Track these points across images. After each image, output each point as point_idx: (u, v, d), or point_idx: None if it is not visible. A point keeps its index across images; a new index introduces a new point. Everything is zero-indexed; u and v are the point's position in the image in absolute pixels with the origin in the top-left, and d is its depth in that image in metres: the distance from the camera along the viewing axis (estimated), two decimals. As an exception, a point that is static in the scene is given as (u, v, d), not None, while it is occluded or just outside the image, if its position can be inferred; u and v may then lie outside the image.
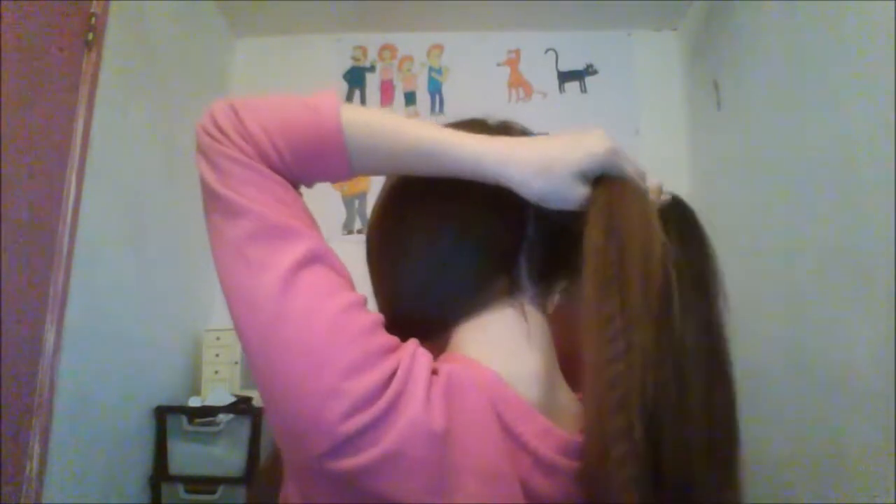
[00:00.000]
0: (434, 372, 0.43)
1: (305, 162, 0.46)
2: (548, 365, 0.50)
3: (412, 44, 2.40)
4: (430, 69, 2.38)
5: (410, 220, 0.53)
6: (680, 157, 2.26)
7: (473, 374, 0.45)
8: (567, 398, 0.51)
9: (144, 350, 1.71)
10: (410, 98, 2.37)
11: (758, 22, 1.74)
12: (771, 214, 1.67)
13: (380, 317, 0.44)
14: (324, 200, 2.11)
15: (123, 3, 1.59)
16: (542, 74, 2.36)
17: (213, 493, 1.66)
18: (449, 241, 0.51)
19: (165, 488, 1.69)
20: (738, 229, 1.88)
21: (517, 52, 2.38)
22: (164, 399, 1.77)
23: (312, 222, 0.46)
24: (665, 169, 2.28)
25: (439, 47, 2.39)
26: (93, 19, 1.48)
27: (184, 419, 1.71)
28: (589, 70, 2.35)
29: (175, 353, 1.90)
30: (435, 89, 2.37)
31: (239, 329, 0.43)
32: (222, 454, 1.71)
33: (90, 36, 1.47)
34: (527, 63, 2.37)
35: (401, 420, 0.39)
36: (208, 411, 1.72)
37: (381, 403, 0.39)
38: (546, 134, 0.50)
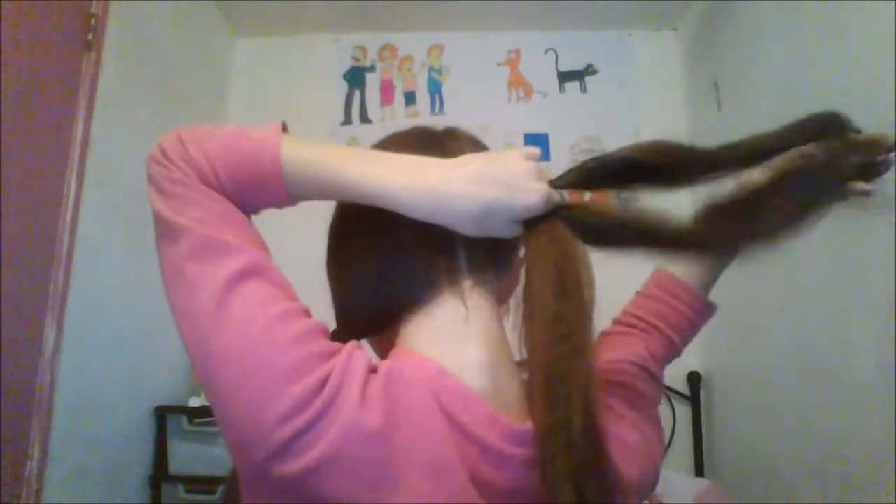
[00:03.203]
0: (373, 370, 0.44)
1: (246, 191, 0.48)
2: (493, 351, 0.50)
3: (412, 44, 2.40)
4: (430, 69, 2.38)
5: (353, 223, 0.56)
6: (680, 157, 2.26)
7: (414, 368, 0.46)
8: (517, 384, 0.51)
9: (144, 350, 1.72)
10: (410, 98, 2.37)
11: (758, 22, 1.74)
12: (771, 214, 1.67)
13: (319, 323, 0.45)
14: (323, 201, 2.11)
15: (123, 3, 1.59)
16: (542, 74, 2.36)
17: (213, 493, 1.66)
18: (389, 236, 0.53)
19: (165, 488, 1.69)
20: (738, 229, 1.87)
21: (517, 52, 2.38)
22: (164, 399, 1.77)
23: (255, 238, 0.48)
24: (665, 169, 2.30)
25: (439, 47, 2.39)
26: (93, 19, 1.47)
27: (184, 419, 1.71)
28: (589, 70, 2.35)
29: (175, 353, 1.90)
30: (435, 89, 2.37)
31: (184, 343, 0.44)
32: (222, 454, 1.71)
33: (90, 36, 1.47)
34: (527, 63, 2.37)
35: (336, 422, 0.40)
36: (208, 411, 1.72)
37: (315, 407, 0.40)
38: (499, 149, 0.52)
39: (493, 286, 0.54)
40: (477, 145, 0.58)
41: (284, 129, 0.50)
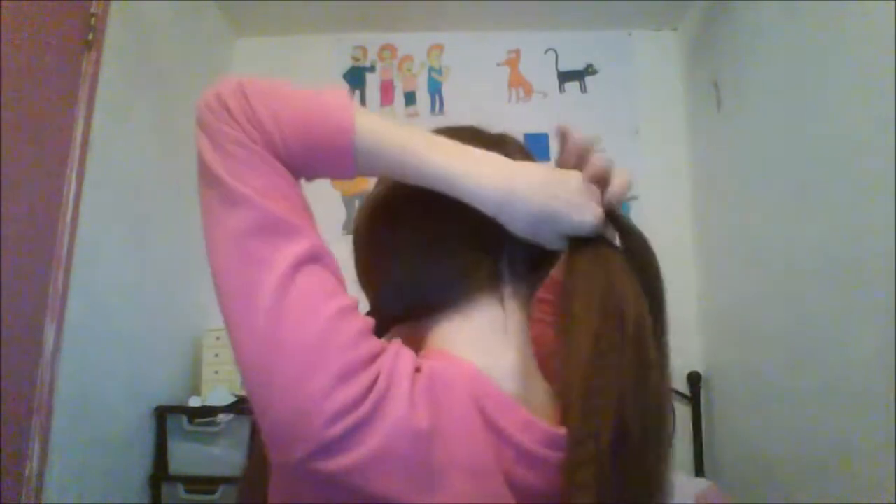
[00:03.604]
0: (417, 369, 0.44)
1: (312, 158, 0.46)
2: (524, 357, 0.51)
3: (412, 44, 2.40)
4: (430, 69, 2.38)
5: (403, 211, 0.55)
6: (680, 157, 2.26)
7: (454, 370, 0.46)
8: (542, 389, 0.52)
9: (144, 350, 1.72)
10: (410, 98, 2.37)
11: (758, 22, 1.74)
12: (771, 214, 1.67)
13: (370, 321, 0.45)
14: (324, 200, 2.11)
15: (123, 3, 1.59)
16: (542, 74, 2.36)
17: (213, 493, 1.67)
18: (438, 232, 0.53)
19: (165, 488, 1.69)
20: (739, 230, 1.88)
21: (517, 52, 2.38)
22: (164, 399, 1.77)
23: (311, 218, 0.46)
24: (665, 169, 2.30)
25: (439, 47, 2.39)
26: (93, 19, 1.48)
27: (184, 419, 1.71)
28: (589, 70, 2.35)
29: (175, 353, 1.91)
30: (435, 89, 2.37)
31: (230, 321, 0.43)
32: (222, 454, 1.71)
33: (90, 36, 1.47)
34: (527, 63, 2.37)
35: (386, 420, 0.40)
36: (208, 411, 1.72)
37: (366, 406, 0.39)
38: (537, 161, 0.53)
39: (527, 299, 0.55)
40: (526, 155, 0.58)
41: None
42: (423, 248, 0.53)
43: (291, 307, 0.41)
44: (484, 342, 0.50)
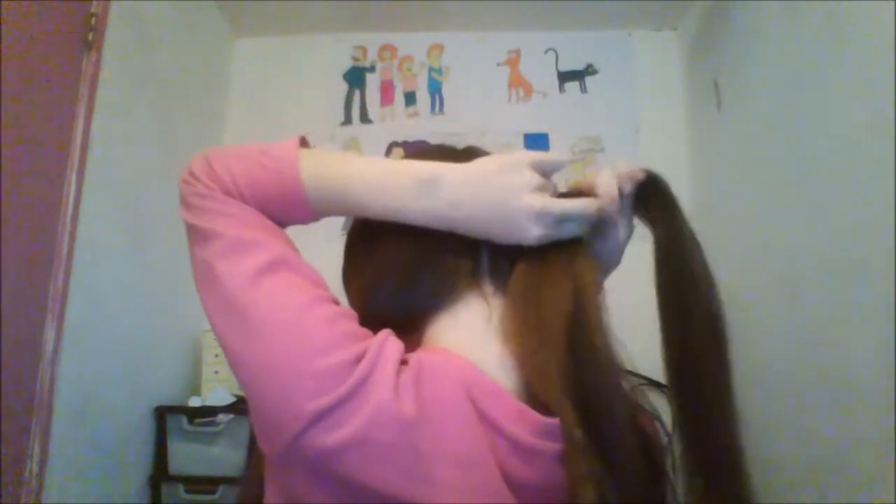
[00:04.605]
0: (404, 362, 0.45)
1: (268, 208, 0.51)
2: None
3: (412, 44, 2.40)
4: (430, 69, 2.38)
5: (378, 232, 0.57)
6: (680, 157, 2.25)
7: (445, 362, 0.47)
8: None
9: (144, 350, 1.72)
10: (410, 98, 2.36)
11: (758, 22, 1.74)
12: (771, 214, 1.67)
13: (350, 310, 0.47)
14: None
15: (123, 3, 1.59)
16: (542, 74, 2.36)
17: (213, 493, 1.66)
18: (419, 243, 0.55)
19: (165, 488, 1.69)
20: (738, 230, 1.87)
21: (517, 52, 2.38)
22: (164, 399, 1.77)
23: (284, 238, 0.51)
24: (665, 169, 2.28)
25: (439, 47, 2.39)
26: (93, 19, 1.48)
27: (184, 419, 1.71)
28: (589, 70, 2.35)
29: (175, 353, 1.90)
30: (435, 89, 2.37)
31: (220, 341, 0.46)
32: (222, 454, 1.71)
33: (90, 36, 1.47)
34: (527, 63, 2.37)
35: (368, 403, 0.40)
36: (208, 411, 1.72)
37: (348, 385, 0.40)
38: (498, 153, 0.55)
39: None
40: None
41: (304, 142, 0.54)
42: (404, 257, 0.55)
43: (262, 299, 0.44)
44: (473, 337, 0.51)
